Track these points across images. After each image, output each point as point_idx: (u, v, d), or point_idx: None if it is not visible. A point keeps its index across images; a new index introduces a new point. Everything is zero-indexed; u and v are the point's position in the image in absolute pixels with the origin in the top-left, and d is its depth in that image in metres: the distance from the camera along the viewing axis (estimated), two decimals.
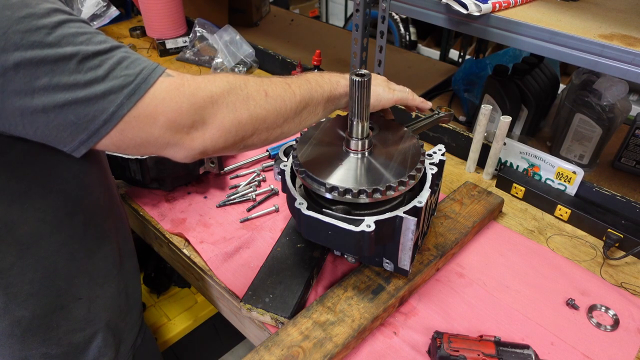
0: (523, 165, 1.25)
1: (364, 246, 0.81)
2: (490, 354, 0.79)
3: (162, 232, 1.14)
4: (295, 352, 0.80)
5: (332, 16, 4.53)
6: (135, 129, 0.62)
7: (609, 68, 0.98)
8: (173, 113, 0.63)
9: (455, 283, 1.00)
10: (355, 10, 1.39)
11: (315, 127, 0.97)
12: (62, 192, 0.77)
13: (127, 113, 0.60)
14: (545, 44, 1.05)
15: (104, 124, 0.60)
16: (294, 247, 1.01)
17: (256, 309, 0.90)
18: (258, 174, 1.29)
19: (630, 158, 1.36)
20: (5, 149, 0.66)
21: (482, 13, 1.10)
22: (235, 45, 1.82)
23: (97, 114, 0.59)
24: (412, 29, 3.50)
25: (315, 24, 2.63)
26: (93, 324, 0.90)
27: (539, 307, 0.95)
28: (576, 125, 1.35)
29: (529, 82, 1.45)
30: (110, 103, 0.59)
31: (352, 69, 1.58)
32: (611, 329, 0.91)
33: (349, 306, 0.88)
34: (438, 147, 0.98)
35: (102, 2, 1.99)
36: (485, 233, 1.12)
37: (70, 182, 0.77)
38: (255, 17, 2.33)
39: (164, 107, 0.63)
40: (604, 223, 1.09)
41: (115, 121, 0.60)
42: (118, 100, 0.60)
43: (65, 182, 0.76)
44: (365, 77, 0.79)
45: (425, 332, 0.89)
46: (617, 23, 1.07)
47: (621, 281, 1.01)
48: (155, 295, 1.95)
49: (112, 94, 0.59)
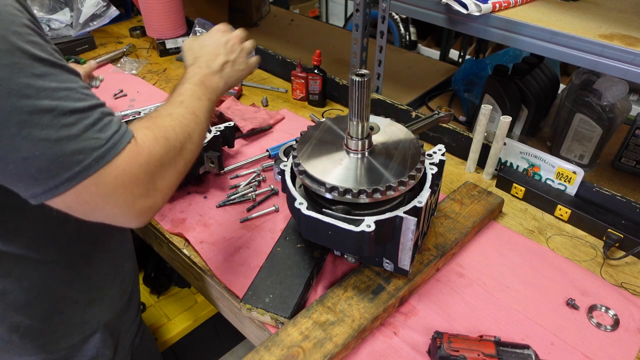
0: (523, 165, 1.25)
1: (364, 246, 0.81)
2: (490, 354, 0.79)
3: (162, 232, 1.14)
4: (295, 352, 0.80)
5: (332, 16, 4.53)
6: (92, 194, 0.60)
7: (609, 68, 0.98)
8: (131, 185, 0.62)
9: (455, 283, 1.00)
10: (355, 10, 1.39)
11: (315, 127, 0.97)
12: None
13: (89, 176, 0.58)
14: (545, 44, 1.05)
15: (64, 182, 0.57)
16: (294, 247, 1.01)
17: (256, 309, 0.90)
18: (258, 174, 1.29)
19: (630, 158, 1.36)
20: None
21: (482, 13, 1.10)
22: None
23: (60, 171, 0.57)
24: (412, 29, 3.50)
25: (315, 24, 2.63)
26: (90, 325, 0.90)
27: (539, 307, 0.95)
28: (576, 125, 1.35)
29: (529, 82, 1.45)
30: (76, 164, 0.57)
31: (352, 69, 1.58)
32: (611, 329, 0.91)
33: (349, 306, 0.88)
34: (438, 147, 0.98)
35: (102, 2, 1.99)
36: (485, 233, 1.12)
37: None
38: (255, 17, 2.33)
39: (124, 178, 0.61)
40: (604, 223, 1.09)
41: (76, 182, 0.58)
42: (85, 162, 0.58)
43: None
44: (365, 77, 0.79)
45: (425, 332, 0.89)
46: (617, 23, 1.07)
47: (621, 281, 1.01)
48: (155, 295, 1.95)
49: (81, 155, 0.57)
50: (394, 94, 1.69)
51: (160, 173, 0.67)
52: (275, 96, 1.71)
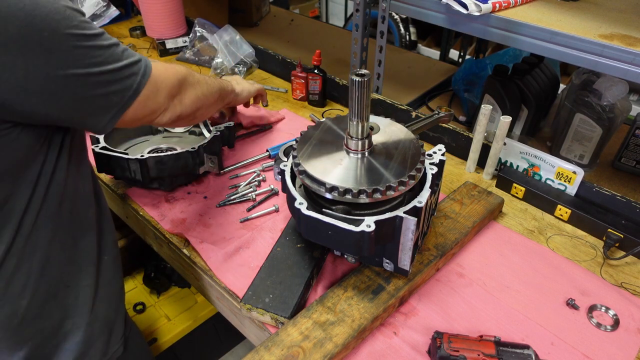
0: (523, 165, 1.25)
1: (364, 246, 0.81)
2: (490, 354, 0.79)
3: (162, 232, 1.14)
4: (295, 352, 0.80)
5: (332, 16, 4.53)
6: (150, 100, 0.82)
7: (609, 68, 0.98)
8: (169, 85, 0.87)
9: (455, 283, 1.00)
10: (355, 10, 1.40)
11: (315, 127, 0.97)
12: (56, 182, 0.82)
13: (144, 87, 0.79)
14: (545, 44, 1.06)
15: (130, 97, 0.78)
16: (294, 247, 1.01)
17: (256, 309, 0.90)
18: (258, 174, 1.29)
19: (630, 158, 1.36)
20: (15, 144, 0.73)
21: (482, 13, 1.10)
22: (235, 45, 1.82)
23: (124, 91, 0.77)
24: (412, 29, 3.50)
25: (315, 24, 2.63)
26: (83, 312, 0.92)
27: (539, 307, 0.95)
28: (576, 125, 1.35)
29: (529, 82, 1.45)
30: (133, 81, 0.78)
31: (352, 69, 1.59)
32: (611, 329, 0.91)
33: (349, 306, 0.88)
34: (438, 147, 0.98)
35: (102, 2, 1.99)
36: (485, 233, 1.12)
37: (61, 171, 0.82)
38: (255, 17, 2.33)
39: (162, 81, 0.84)
40: (604, 223, 1.09)
41: (137, 95, 0.78)
42: (137, 79, 0.78)
43: (59, 171, 0.82)
44: (365, 77, 0.79)
45: (425, 332, 0.89)
46: (617, 23, 1.07)
47: (621, 281, 1.01)
48: (155, 295, 1.95)
49: (133, 75, 0.78)
50: (394, 94, 1.69)
51: (184, 83, 0.92)
52: (275, 96, 1.71)
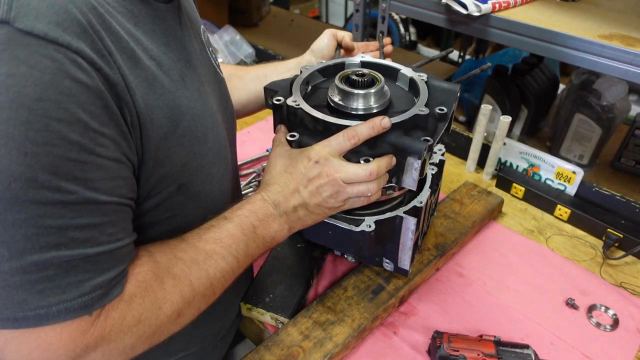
0: (523, 165, 1.26)
1: (364, 246, 0.81)
2: (490, 353, 0.79)
3: None
4: (295, 352, 0.80)
5: (332, 16, 4.52)
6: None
7: (608, 68, 0.98)
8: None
9: (455, 283, 1.00)
10: (355, 10, 1.40)
11: None
12: None
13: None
14: (545, 44, 1.05)
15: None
16: (294, 247, 1.01)
17: (256, 308, 0.90)
18: (258, 174, 1.29)
19: (629, 158, 1.36)
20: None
21: (482, 13, 1.10)
22: (235, 45, 1.82)
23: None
24: (412, 29, 3.50)
25: (315, 24, 2.63)
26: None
27: (539, 307, 0.95)
28: (576, 125, 1.35)
29: (528, 82, 1.45)
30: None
31: None
32: (611, 328, 0.91)
33: (349, 306, 0.88)
34: (438, 147, 0.98)
35: None
36: (485, 233, 1.13)
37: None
38: (255, 17, 2.33)
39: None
40: (604, 223, 1.09)
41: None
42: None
43: None
44: (365, 77, 0.79)
45: (425, 332, 0.89)
46: (617, 23, 1.07)
47: (621, 281, 1.01)
48: None
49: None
50: None
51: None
52: None
